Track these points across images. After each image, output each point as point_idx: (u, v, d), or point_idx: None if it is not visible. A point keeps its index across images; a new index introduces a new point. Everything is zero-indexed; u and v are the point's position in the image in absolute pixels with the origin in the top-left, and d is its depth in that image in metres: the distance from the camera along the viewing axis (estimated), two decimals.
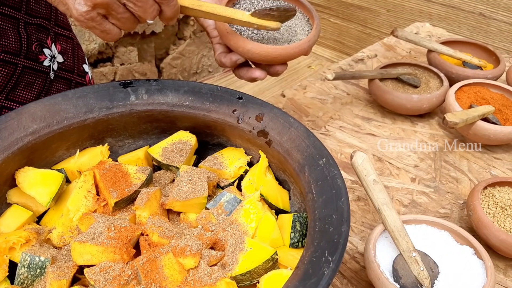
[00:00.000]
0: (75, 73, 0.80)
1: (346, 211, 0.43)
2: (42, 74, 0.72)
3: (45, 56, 0.72)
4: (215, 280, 0.43)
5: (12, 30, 0.66)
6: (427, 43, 0.97)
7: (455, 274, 0.53)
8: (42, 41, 0.72)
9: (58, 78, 0.76)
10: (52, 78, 0.75)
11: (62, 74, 0.77)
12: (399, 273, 0.52)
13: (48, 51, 0.73)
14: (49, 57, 0.73)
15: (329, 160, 0.48)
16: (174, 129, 0.60)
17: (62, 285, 0.44)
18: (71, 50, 0.80)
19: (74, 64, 0.80)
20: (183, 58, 2.15)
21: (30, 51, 0.69)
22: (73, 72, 0.80)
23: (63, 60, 0.77)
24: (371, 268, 0.52)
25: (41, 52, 0.71)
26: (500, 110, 0.82)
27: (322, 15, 2.33)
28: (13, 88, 0.69)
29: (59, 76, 0.76)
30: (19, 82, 0.69)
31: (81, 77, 0.82)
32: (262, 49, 0.60)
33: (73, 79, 0.80)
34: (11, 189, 0.52)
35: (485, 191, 0.66)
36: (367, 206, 0.71)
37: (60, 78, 0.77)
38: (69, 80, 0.79)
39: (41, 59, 0.71)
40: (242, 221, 0.49)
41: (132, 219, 0.51)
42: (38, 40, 0.71)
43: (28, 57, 0.69)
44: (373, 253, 0.53)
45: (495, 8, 1.64)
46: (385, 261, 0.54)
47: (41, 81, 0.72)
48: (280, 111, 0.56)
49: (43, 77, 0.73)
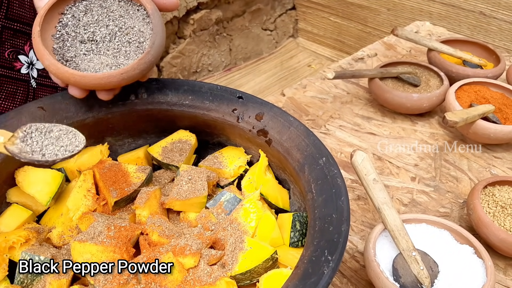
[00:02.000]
0: None
1: (346, 210, 0.43)
2: (23, 83, 0.69)
3: (21, 63, 0.68)
4: (215, 280, 0.43)
5: None
6: (427, 42, 0.97)
7: (455, 273, 0.53)
8: (18, 48, 0.68)
9: (42, 86, 0.73)
10: (35, 86, 0.71)
11: (44, 82, 0.73)
12: (399, 272, 0.52)
13: (24, 58, 0.69)
14: (26, 64, 0.69)
15: (329, 159, 0.48)
16: (174, 128, 0.60)
17: (62, 284, 0.44)
18: None
19: None
20: (183, 57, 2.15)
21: (3, 58, 0.66)
22: None
23: (43, 67, 0.73)
24: (371, 267, 0.52)
25: (15, 59, 0.68)
26: (500, 109, 0.82)
27: (322, 13, 2.33)
28: None
29: (42, 84, 0.73)
30: (0, 92, 0.66)
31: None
32: (58, 71, 0.49)
33: (58, 86, 0.76)
34: (11, 189, 0.52)
35: (485, 190, 0.66)
36: (367, 205, 0.71)
37: (43, 86, 0.73)
38: (53, 87, 0.75)
39: (17, 66, 0.68)
40: (242, 220, 0.49)
41: (132, 218, 0.51)
42: (12, 46, 0.67)
43: (2, 65, 0.66)
44: (373, 252, 0.53)
45: (495, 7, 1.64)
46: (385, 260, 0.54)
47: (23, 90, 0.69)
48: (280, 110, 0.56)
49: (24, 85, 0.69)
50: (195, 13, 2.06)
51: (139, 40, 0.53)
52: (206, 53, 2.24)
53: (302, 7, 2.44)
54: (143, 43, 0.53)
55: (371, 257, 0.52)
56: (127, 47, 0.53)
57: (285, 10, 2.48)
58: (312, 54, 2.47)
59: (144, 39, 0.53)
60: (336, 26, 2.30)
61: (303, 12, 2.45)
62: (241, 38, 2.33)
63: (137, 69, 0.50)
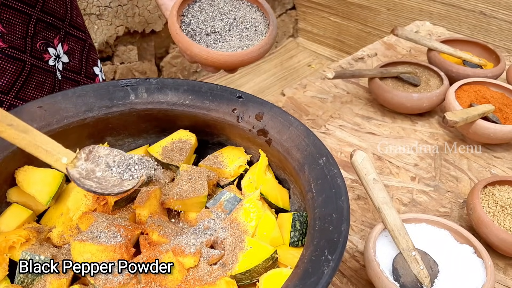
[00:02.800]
0: (82, 74, 0.80)
1: (346, 210, 0.43)
2: (50, 74, 0.73)
3: (50, 55, 0.72)
4: (215, 279, 0.43)
5: (21, 25, 0.67)
6: (427, 42, 0.97)
7: (455, 273, 0.53)
8: (48, 40, 0.72)
9: (65, 79, 0.77)
10: (60, 78, 0.75)
11: (68, 75, 0.77)
12: (399, 272, 0.52)
13: (52, 50, 0.73)
14: (53, 56, 0.73)
15: (329, 159, 0.48)
16: (174, 128, 0.60)
17: (62, 284, 0.44)
18: (79, 51, 0.80)
19: (81, 65, 0.80)
20: (183, 57, 2.15)
21: (34, 48, 0.69)
22: (80, 74, 0.80)
23: (68, 61, 0.77)
24: (371, 267, 0.52)
25: (45, 50, 0.71)
26: (500, 109, 0.82)
27: (322, 13, 2.33)
28: (22, 87, 0.69)
29: (65, 76, 0.77)
30: (29, 81, 0.69)
31: (90, 79, 0.82)
32: (209, 55, 0.59)
33: (81, 81, 0.80)
34: (11, 188, 0.52)
35: (485, 190, 0.66)
36: (367, 205, 0.71)
37: (67, 79, 0.77)
38: (76, 81, 0.79)
39: (46, 58, 0.72)
40: (242, 220, 0.49)
41: (132, 218, 0.51)
42: (44, 38, 0.71)
43: (33, 55, 0.69)
44: (373, 252, 0.53)
45: (495, 6, 1.64)
46: (385, 260, 0.54)
47: (50, 81, 0.73)
48: (280, 110, 0.56)
49: (51, 77, 0.73)
50: None
51: (255, 25, 0.64)
52: None
53: (302, 7, 2.44)
54: (259, 26, 0.63)
55: (371, 257, 0.52)
56: (247, 32, 0.63)
57: (285, 10, 2.48)
58: (312, 54, 2.47)
59: (258, 23, 0.64)
60: (336, 26, 2.30)
61: (303, 12, 2.45)
62: None
63: (269, 43, 0.61)
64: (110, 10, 1.76)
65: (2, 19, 0.64)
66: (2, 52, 0.65)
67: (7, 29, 0.64)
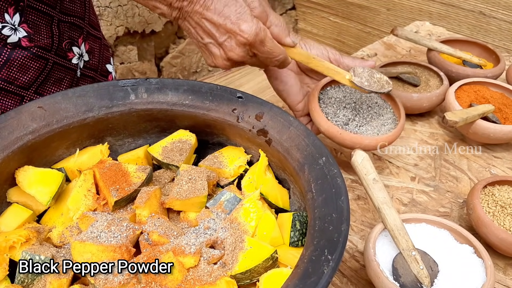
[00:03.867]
0: (98, 72, 0.82)
1: (345, 210, 0.43)
2: (71, 71, 0.74)
3: (73, 54, 0.74)
4: (215, 279, 0.43)
5: (46, 26, 0.68)
6: (427, 42, 0.97)
7: (455, 273, 0.53)
8: (73, 39, 0.74)
9: (84, 76, 0.78)
10: (79, 76, 0.76)
11: (87, 73, 0.79)
12: (398, 271, 0.52)
13: (77, 50, 0.75)
14: (77, 55, 0.75)
15: (329, 159, 0.48)
16: (174, 128, 0.60)
17: (62, 283, 0.44)
18: (98, 50, 0.82)
19: (99, 63, 0.82)
20: (183, 57, 2.15)
21: (60, 47, 0.71)
22: (97, 71, 0.82)
23: (88, 59, 0.79)
24: (371, 266, 0.52)
25: (70, 49, 0.73)
26: (500, 109, 0.82)
27: (322, 13, 2.33)
28: (43, 83, 0.70)
29: (84, 74, 0.78)
30: (49, 77, 0.71)
31: (104, 77, 0.84)
32: (347, 136, 0.67)
33: (96, 78, 0.82)
34: (11, 188, 0.52)
35: (485, 190, 0.66)
36: (367, 205, 0.72)
37: (85, 76, 0.79)
38: (93, 78, 0.81)
39: (70, 56, 0.73)
40: (242, 220, 0.49)
41: (132, 218, 0.51)
42: (69, 38, 0.73)
43: (58, 53, 0.71)
44: (372, 252, 0.53)
45: (495, 6, 1.64)
46: (385, 259, 0.54)
47: (69, 78, 0.74)
48: (280, 110, 0.56)
49: (71, 74, 0.74)
50: None
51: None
52: None
53: (302, 7, 2.44)
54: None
55: (371, 257, 0.52)
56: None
57: (285, 10, 2.48)
58: None
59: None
60: (336, 26, 2.30)
61: (303, 12, 2.45)
62: None
63: (395, 134, 0.71)
64: (110, 10, 1.76)
65: (28, 20, 0.65)
66: (28, 51, 0.66)
67: (33, 29, 0.66)
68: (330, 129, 0.68)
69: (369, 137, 0.68)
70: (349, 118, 0.71)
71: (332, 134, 0.68)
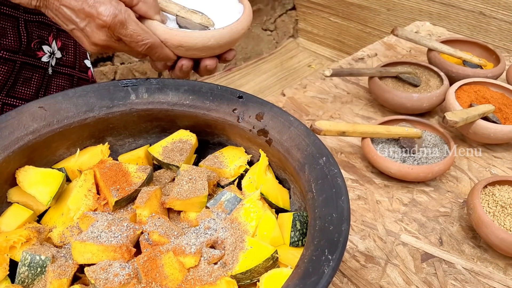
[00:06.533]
0: (76, 68, 0.81)
1: (346, 210, 0.43)
2: (40, 70, 0.73)
3: (44, 53, 0.73)
4: (216, 279, 0.43)
5: (12, 28, 0.67)
6: (427, 42, 0.97)
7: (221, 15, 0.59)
8: (43, 38, 0.72)
9: (57, 74, 0.77)
10: (51, 73, 0.75)
11: (61, 70, 0.78)
12: (190, 29, 0.57)
13: (47, 48, 0.73)
14: (48, 53, 0.74)
15: (329, 159, 0.48)
16: (175, 128, 0.60)
17: (63, 284, 0.44)
18: (73, 46, 0.81)
19: (75, 59, 0.81)
20: None
21: (29, 48, 0.70)
22: (74, 68, 0.81)
23: (61, 56, 0.78)
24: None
25: (39, 48, 0.72)
26: (500, 109, 0.82)
27: (322, 14, 2.33)
28: (12, 85, 0.69)
29: (58, 71, 0.77)
30: (18, 78, 0.70)
31: (83, 73, 0.83)
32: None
33: (75, 75, 0.81)
34: (12, 188, 0.52)
35: (485, 190, 0.66)
36: (367, 205, 0.72)
37: (59, 74, 0.77)
38: (70, 75, 0.80)
39: (39, 55, 0.72)
40: (243, 220, 0.49)
41: (132, 218, 0.51)
42: (39, 37, 0.71)
43: (26, 53, 0.70)
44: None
45: (495, 7, 1.63)
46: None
47: (38, 76, 0.73)
48: (280, 110, 0.56)
49: (41, 72, 0.73)
50: None
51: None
52: None
53: (302, 7, 2.44)
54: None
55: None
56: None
57: (285, 10, 2.48)
58: (312, 54, 2.47)
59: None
60: (336, 26, 2.30)
61: (303, 12, 2.45)
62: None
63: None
64: None
65: None
66: None
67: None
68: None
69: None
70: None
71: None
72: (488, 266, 0.62)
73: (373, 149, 0.74)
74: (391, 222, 0.69)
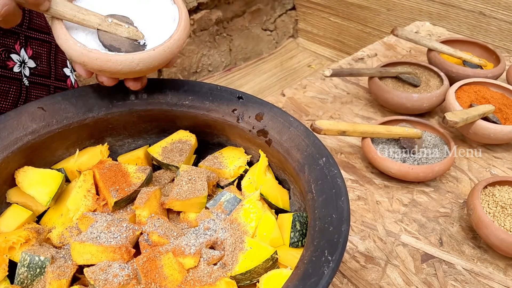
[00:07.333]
0: (52, 77, 0.77)
1: (346, 211, 0.43)
2: (15, 82, 0.69)
3: (14, 62, 0.69)
4: (215, 280, 0.43)
5: None
6: (427, 42, 0.97)
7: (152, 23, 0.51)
8: (9, 47, 0.68)
9: (34, 85, 0.73)
10: (27, 84, 0.71)
11: (36, 80, 0.73)
12: (114, 46, 0.48)
13: (16, 57, 0.69)
14: (18, 62, 0.69)
15: (329, 159, 0.48)
16: (174, 128, 0.60)
17: (62, 284, 0.44)
18: (46, 54, 0.76)
19: (50, 68, 0.76)
20: (183, 57, 2.15)
21: None
22: (49, 77, 0.76)
23: (35, 65, 0.73)
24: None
25: (8, 58, 0.68)
26: (500, 109, 0.82)
27: (322, 14, 2.33)
28: None
29: (33, 82, 0.73)
30: None
31: (61, 82, 0.79)
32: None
33: (51, 84, 0.77)
34: (11, 189, 0.52)
35: (485, 190, 0.66)
36: (367, 205, 0.71)
37: (36, 84, 0.73)
38: (46, 85, 0.75)
39: (10, 65, 0.68)
40: (242, 220, 0.49)
41: (132, 218, 0.51)
42: (3, 46, 0.67)
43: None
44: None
45: (495, 7, 1.63)
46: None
47: (15, 88, 0.69)
48: (280, 110, 0.56)
49: (16, 84, 0.69)
50: (195, 13, 2.06)
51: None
52: (206, 53, 2.24)
53: (302, 7, 2.44)
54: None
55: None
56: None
57: (285, 10, 2.48)
58: (312, 54, 2.47)
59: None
60: (336, 26, 2.30)
61: (303, 12, 2.45)
62: (241, 38, 2.33)
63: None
64: None
65: None
66: None
67: None
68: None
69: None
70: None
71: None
72: (488, 267, 0.62)
73: (374, 149, 0.74)
74: (391, 222, 0.69)
